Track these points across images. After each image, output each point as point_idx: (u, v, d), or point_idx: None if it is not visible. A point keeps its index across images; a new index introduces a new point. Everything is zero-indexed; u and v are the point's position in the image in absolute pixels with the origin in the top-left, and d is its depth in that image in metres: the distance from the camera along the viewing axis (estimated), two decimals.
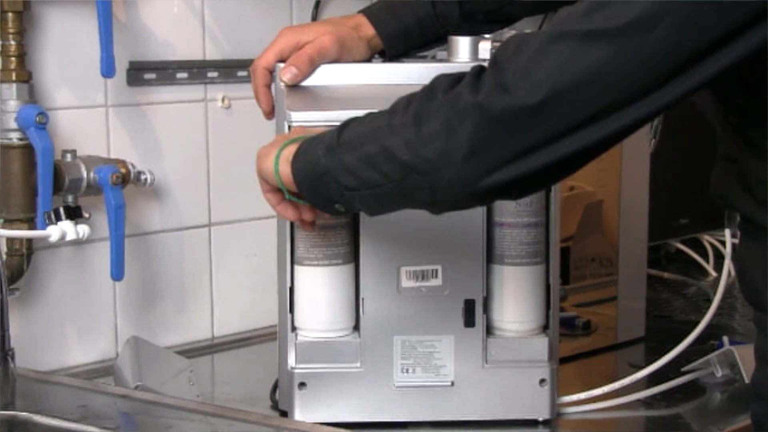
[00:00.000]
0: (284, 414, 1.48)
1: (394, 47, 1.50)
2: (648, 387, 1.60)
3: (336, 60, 1.46)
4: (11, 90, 1.60)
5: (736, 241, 1.34)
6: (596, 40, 1.08)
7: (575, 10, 1.11)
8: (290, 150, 1.27)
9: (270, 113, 1.49)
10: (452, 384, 1.47)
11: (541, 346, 1.48)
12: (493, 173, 1.13)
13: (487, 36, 1.49)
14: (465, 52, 1.48)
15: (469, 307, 1.45)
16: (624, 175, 1.81)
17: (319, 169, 1.23)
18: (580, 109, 1.10)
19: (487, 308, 1.47)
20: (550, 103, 1.09)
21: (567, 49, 1.09)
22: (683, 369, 1.64)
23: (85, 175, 1.66)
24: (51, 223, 1.58)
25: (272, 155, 1.28)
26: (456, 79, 1.16)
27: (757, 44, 1.08)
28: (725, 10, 1.06)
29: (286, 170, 1.27)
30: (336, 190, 1.23)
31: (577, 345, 1.76)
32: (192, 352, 1.81)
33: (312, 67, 1.44)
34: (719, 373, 1.64)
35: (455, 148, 1.13)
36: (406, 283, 1.46)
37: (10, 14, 1.60)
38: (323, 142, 1.23)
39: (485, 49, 1.47)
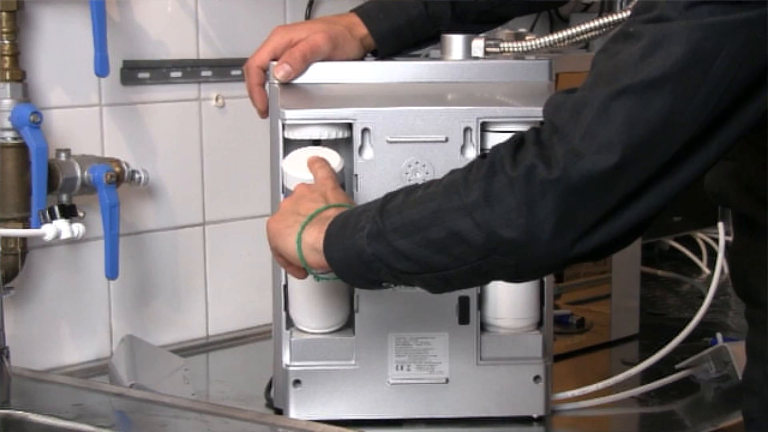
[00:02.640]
0: (279, 412, 1.49)
1: (387, 46, 1.50)
2: (642, 384, 1.61)
3: (328, 58, 1.46)
4: (5, 89, 1.60)
5: (730, 238, 1.35)
6: (658, 89, 1.06)
7: (625, 61, 1.08)
8: (314, 236, 1.23)
9: (264, 112, 1.49)
10: (447, 381, 1.47)
11: (535, 343, 1.48)
12: (581, 240, 1.11)
13: (480, 35, 1.49)
14: (458, 51, 1.48)
15: (463, 304, 1.45)
16: None
17: (366, 258, 1.18)
18: (656, 159, 1.08)
19: (481, 305, 1.47)
20: (627, 161, 1.07)
21: (631, 104, 1.06)
22: (677, 366, 1.65)
23: (79, 174, 1.66)
24: (45, 221, 1.58)
25: (292, 239, 1.25)
26: (515, 148, 1.11)
27: None
28: None
29: (316, 258, 1.23)
30: (388, 274, 1.19)
31: (571, 342, 1.77)
32: (187, 350, 1.81)
33: (305, 64, 1.45)
34: (713, 370, 1.64)
35: (540, 224, 1.09)
36: None
37: (3, 14, 1.60)
38: (362, 228, 1.18)
39: (478, 47, 1.47)
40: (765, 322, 1.27)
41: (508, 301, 1.48)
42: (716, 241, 1.89)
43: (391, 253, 1.17)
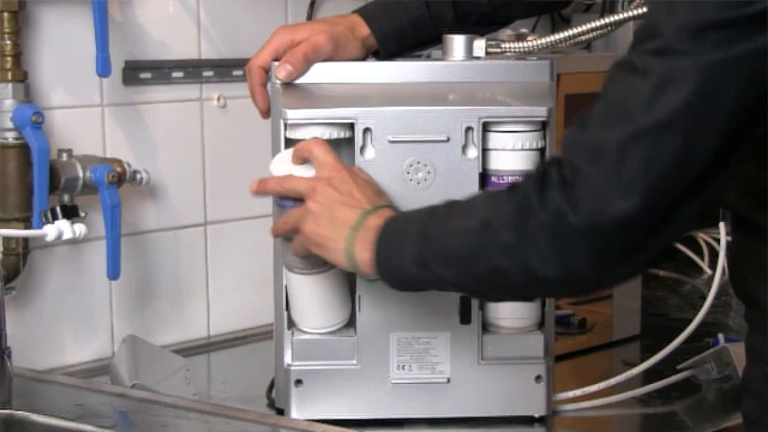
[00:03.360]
0: (280, 412, 1.49)
1: (389, 47, 1.50)
2: (643, 384, 1.60)
3: (330, 58, 1.46)
4: (7, 89, 1.60)
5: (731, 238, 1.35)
6: (671, 130, 1.08)
7: (636, 99, 1.10)
8: (364, 257, 1.27)
9: (266, 112, 1.49)
10: (448, 381, 1.47)
11: (536, 342, 1.48)
12: (615, 271, 1.16)
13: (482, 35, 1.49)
14: (459, 51, 1.48)
15: (464, 304, 1.45)
16: None
17: (417, 280, 1.25)
18: (676, 192, 1.11)
19: (482, 305, 1.47)
20: (649, 201, 1.10)
21: (647, 147, 1.09)
22: (678, 366, 1.64)
23: (81, 174, 1.66)
24: (47, 222, 1.58)
25: (341, 255, 1.29)
26: (540, 186, 1.15)
27: None
28: None
29: (368, 271, 1.28)
30: (439, 288, 1.27)
31: (573, 343, 1.77)
32: (188, 350, 1.81)
33: (307, 64, 1.45)
34: (714, 371, 1.64)
35: (574, 264, 1.14)
36: None
37: (5, 14, 1.60)
38: (407, 254, 1.24)
39: (480, 47, 1.47)
40: (764, 324, 1.27)
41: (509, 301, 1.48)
42: (718, 241, 1.88)
43: (436, 279, 1.24)
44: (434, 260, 1.22)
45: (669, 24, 1.08)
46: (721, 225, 1.73)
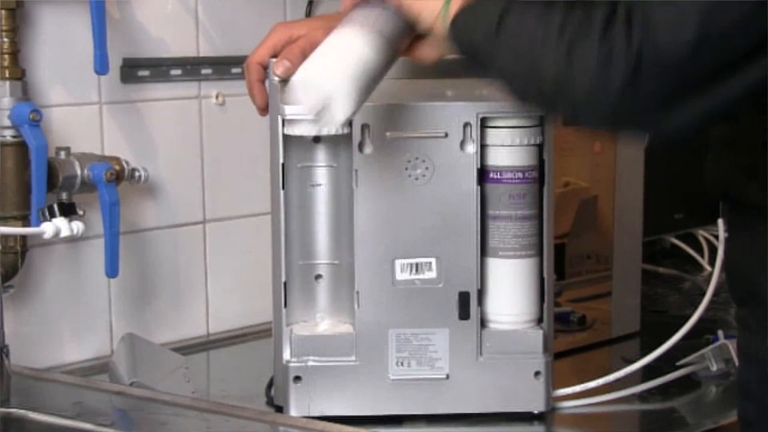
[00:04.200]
0: (279, 410, 1.48)
1: None
2: (643, 381, 1.60)
3: None
4: (5, 87, 1.60)
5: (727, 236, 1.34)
6: None
7: None
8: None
9: (264, 109, 1.49)
10: (447, 377, 1.47)
11: (535, 338, 1.48)
12: (676, 106, 1.11)
13: None
14: None
15: (463, 299, 1.45)
16: (619, 171, 1.81)
17: (476, 48, 1.23)
18: (734, 49, 1.08)
19: (481, 301, 1.47)
20: (704, 43, 1.07)
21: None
22: (678, 363, 1.64)
23: (79, 172, 1.66)
24: (45, 219, 1.58)
25: (436, 11, 1.27)
26: (607, 20, 1.11)
27: None
28: None
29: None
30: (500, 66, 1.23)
31: (572, 340, 1.76)
32: (187, 348, 1.80)
33: (304, 60, 1.44)
34: (714, 367, 1.64)
35: (611, 76, 1.10)
36: (401, 275, 1.45)
37: (3, 11, 1.60)
38: (482, 26, 1.21)
39: None
40: (758, 323, 1.26)
41: (508, 296, 1.48)
42: (717, 237, 1.88)
43: (495, 54, 1.20)
44: (499, 39, 1.19)
45: None
46: (720, 221, 1.73)
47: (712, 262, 2.26)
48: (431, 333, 1.46)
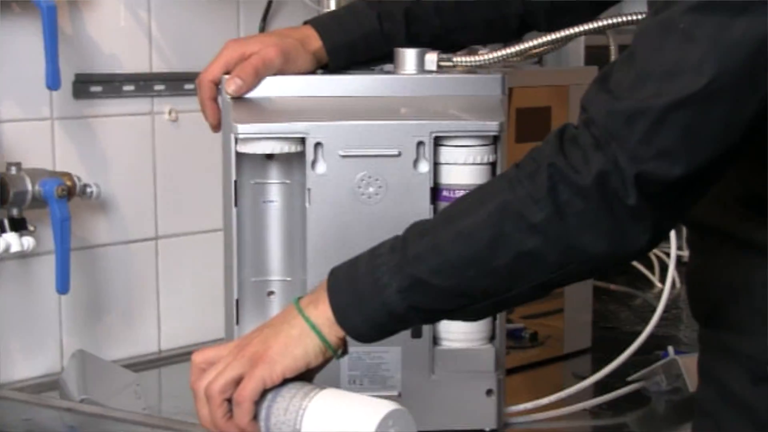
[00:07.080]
0: None
1: (338, 59, 1.50)
2: (594, 396, 1.61)
3: (281, 72, 1.46)
4: None
5: (682, 252, 1.34)
6: (718, 96, 1.05)
7: (677, 64, 1.05)
8: (321, 313, 1.16)
9: (217, 126, 1.49)
10: (399, 395, 1.47)
11: (487, 356, 1.48)
12: (657, 235, 1.11)
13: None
14: (411, 64, 1.48)
15: None
16: None
17: (400, 312, 1.14)
18: (720, 161, 1.08)
19: None
20: (692, 165, 1.07)
21: (691, 114, 1.05)
22: (629, 378, 1.65)
23: (30, 187, 1.65)
24: None
25: (302, 333, 1.17)
26: (564, 155, 1.08)
27: None
28: None
29: (334, 333, 1.17)
30: (423, 320, 1.19)
31: (525, 356, 1.77)
32: (139, 365, 1.80)
33: (257, 78, 1.44)
34: (664, 383, 1.65)
35: (621, 230, 1.09)
36: None
37: None
38: (386, 285, 1.13)
39: (431, 61, 1.48)
40: (718, 343, 1.26)
41: None
42: (668, 255, 1.90)
43: (436, 296, 1.13)
44: (433, 274, 1.11)
45: None
46: (672, 237, 1.75)
47: (662, 279, 2.27)
48: (384, 351, 1.46)
